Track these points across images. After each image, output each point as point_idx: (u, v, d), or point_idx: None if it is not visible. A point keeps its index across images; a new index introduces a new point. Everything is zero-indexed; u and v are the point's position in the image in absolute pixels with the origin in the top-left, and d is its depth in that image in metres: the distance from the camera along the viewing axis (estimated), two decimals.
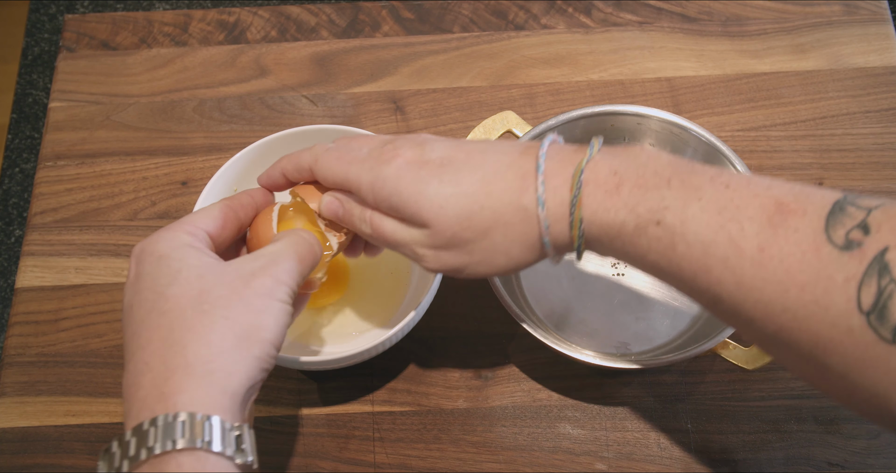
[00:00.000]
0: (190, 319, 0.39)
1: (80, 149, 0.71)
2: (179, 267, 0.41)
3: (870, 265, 0.34)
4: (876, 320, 0.34)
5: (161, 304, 0.40)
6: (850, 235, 0.35)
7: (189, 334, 0.39)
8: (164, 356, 0.38)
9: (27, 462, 0.59)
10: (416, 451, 0.59)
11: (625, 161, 0.42)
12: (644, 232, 0.40)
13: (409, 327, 0.55)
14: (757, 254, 0.37)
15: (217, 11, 0.77)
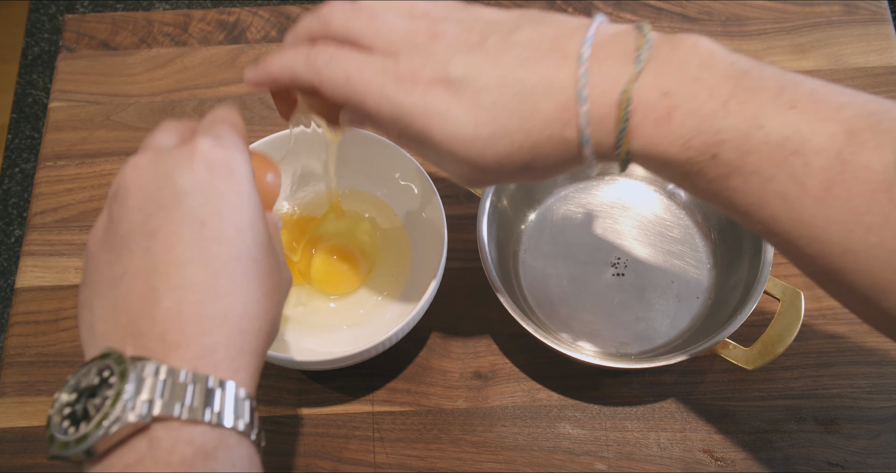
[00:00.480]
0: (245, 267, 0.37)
1: (80, 149, 0.71)
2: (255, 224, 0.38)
3: None
4: None
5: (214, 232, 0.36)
6: None
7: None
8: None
9: (27, 462, 0.59)
10: (416, 451, 0.59)
11: (677, 74, 0.36)
12: (698, 165, 0.36)
13: (409, 327, 0.55)
14: (822, 192, 0.34)
15: (217, 11, 0.77)
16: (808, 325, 0.63)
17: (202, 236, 0.36)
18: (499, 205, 0.62)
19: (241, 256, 0.37)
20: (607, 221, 0.65)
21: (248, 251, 0.37)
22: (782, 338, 0.55)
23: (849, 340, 0.63)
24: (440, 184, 0.69)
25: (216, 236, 0.36)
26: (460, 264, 0.65)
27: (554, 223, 0.65)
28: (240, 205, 0.37)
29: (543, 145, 0.38)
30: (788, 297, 0.56)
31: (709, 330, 0.58)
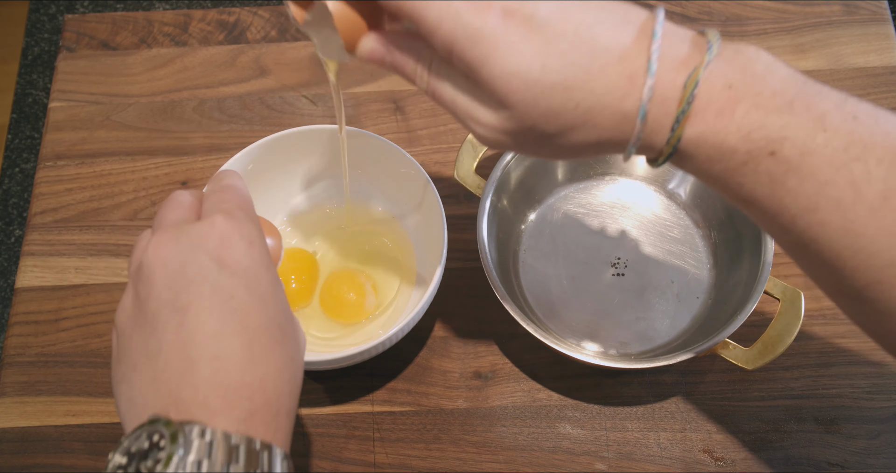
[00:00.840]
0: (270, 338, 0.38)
1: (80, 149, 0.71)
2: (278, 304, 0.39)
3: None
4: None
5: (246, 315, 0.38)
6: None
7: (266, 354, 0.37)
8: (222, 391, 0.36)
9: (27, 462, 0.59)
10: (416, 451, 0.59)
11: (741, 72, 0.36)
12: (755, 161, 0.35)
13: (409, 327, 0.55)
14: (879, 202, 0.33)
15: (217, 11, 0.77)
16: (808, 325, 0.63)
17: (232, 308, 0.37)
18: (499, 205, 0.62)
19: (270, 325, 0.38)
20: (607, 221, 0.65)
21: (274, 319, 0.38)
22: (782, 338, 0.55)
23: (849, 340, 0.63)
24: (440, 185, 0.69)
25: (245, 308, 0.37)
26: (460, 264, 0.65)
27: (554, 223, 0.65)
28: (261, 276, 0.39)
29: (597, 112, 0.36)
30: (788, 297, 0.56)
31: (709, 330, 0.58)
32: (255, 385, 0.36)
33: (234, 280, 0.38)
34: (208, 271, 0.37)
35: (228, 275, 0.38)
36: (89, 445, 0.60)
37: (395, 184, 0.63)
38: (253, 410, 0.36)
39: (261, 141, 0.60)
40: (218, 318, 0.37)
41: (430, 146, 0.70)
